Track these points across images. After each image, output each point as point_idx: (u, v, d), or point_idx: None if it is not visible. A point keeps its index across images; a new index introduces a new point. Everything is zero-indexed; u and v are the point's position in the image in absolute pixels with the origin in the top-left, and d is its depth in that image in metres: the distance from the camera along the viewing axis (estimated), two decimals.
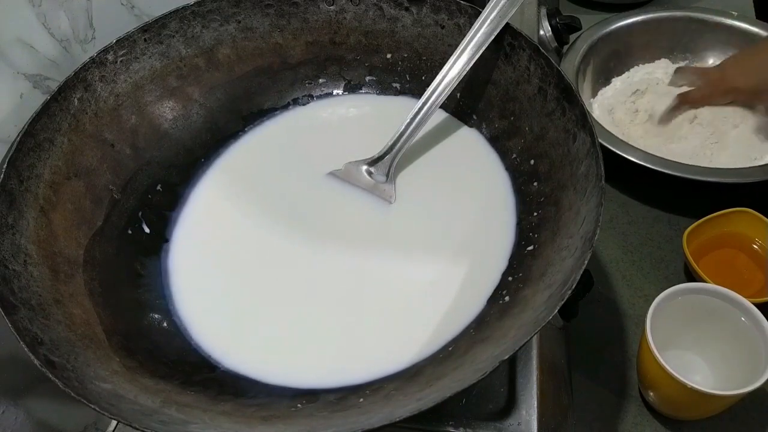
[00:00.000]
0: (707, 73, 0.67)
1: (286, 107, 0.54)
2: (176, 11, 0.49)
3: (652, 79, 0.72)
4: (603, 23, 0.74)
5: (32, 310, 0.35)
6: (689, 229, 0.56)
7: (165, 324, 0.42)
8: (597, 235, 0.34)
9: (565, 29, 0.71)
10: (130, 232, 0.45)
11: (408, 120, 0.47)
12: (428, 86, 0.46)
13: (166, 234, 0.47)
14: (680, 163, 0.59)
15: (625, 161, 0.60)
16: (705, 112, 0.66)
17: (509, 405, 0.42)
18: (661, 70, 0.73)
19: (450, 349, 0.38)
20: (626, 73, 0.74)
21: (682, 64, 0.74)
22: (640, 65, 0.74)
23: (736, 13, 0.72)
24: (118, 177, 0.46)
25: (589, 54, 0.72)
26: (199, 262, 0.45)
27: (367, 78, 0.54)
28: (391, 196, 0.47)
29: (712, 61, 0.72)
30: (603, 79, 0.74)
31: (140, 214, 0.46)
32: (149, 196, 0.47)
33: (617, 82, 0.73)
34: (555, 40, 0.71)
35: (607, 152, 0.60)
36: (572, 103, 0.42)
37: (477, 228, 0.45)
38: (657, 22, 0.74)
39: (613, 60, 0.74)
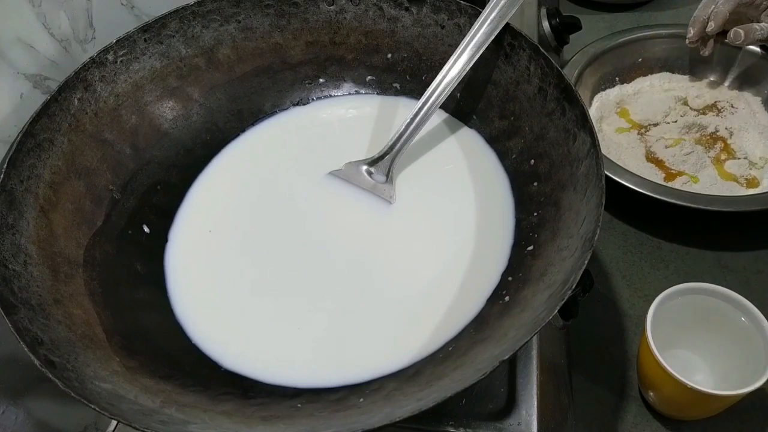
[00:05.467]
0: None
1: (286, 107, 0.54)
2: (176, 11, 0.49)
3: (644, 87, 0.72)
4: (604, 39, 0.73)
5: (32, 310, 0.35)
6: None
7: (165, 324, 0.42)
8: (597, 235, 0.34)
9: (565, 29, 0.71)
10: (130, 232, 0.45)
11: (408, 120, 0.47)
12: (428, 86, 0.46)
13: (166, 234, 0.47)
14: (672, 188, 0.59)
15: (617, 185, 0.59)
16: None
17: (509, 405, 0.42)
18: (657, 81, 0.73)
19: (450, 349, 0.38)
20: (620, 85, 0.73)
21: (682, 76, 0.73)
22: (638, 78, 0.73)
23: None
24: (118, 177, 0.46)
25: (587, 68, 0.71)
26: (199, 262, 0.45)
27: (368, 78, 0.54)
28: (390, 196, 0.47)
29: (713, 78, 0.71)
30: (600, 91, 0.73)
31: (140, 214, 0.46)
32: (149, 196, 0.47)
33: (601, 98, 0.72)
34: (555, 40, 0.71)
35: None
36: (572, 103, 0.42)
37: (477, 228, 0.45)
38: (658, 38, 0.73)
39: (611, 75, 0.73)
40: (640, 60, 0.73)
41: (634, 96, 0.72)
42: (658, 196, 0.57)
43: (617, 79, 0.73)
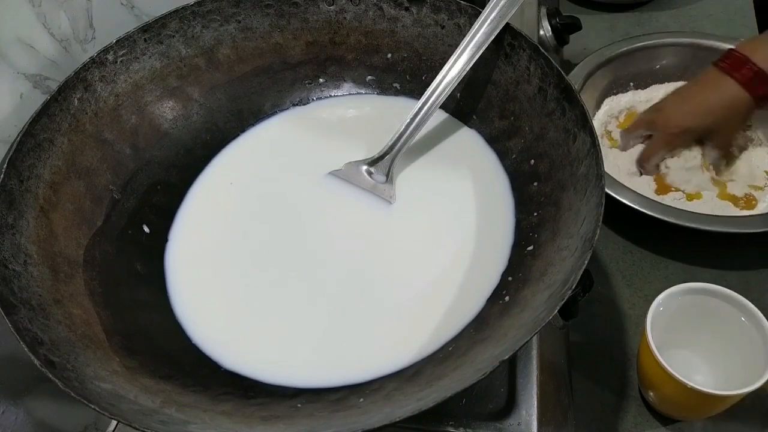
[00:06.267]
0: (651, 122, 0.62)
1: (286, 107, 0.54)
2: (176, 11, 0.49)
3: (658, 95, 0.70)
4: (608, 48, 0.71)
5: (32, 310, 0.35)
6: None
7: (165, 324, 0.42)
8: (597, 235, 0.34)
9: (565, 29, 0.71)
10: (130, 232, 0.45)
11: (408, 120, 0.47)
12: (428, 86, 0.46)
13: (166, 234, 0.47)
14: (672, 207, 0.58)
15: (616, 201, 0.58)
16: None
17: (509, 405, 0.42)
18: (661, 92, 0.71)
19: (450, 349, 0.38)
20: (633, 91, 0.71)
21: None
22: (654, 86, 0.71)
23: (742, 39, 0.70)
24: (118, 177, 0.46)
25: (600, 70, 0.70)
26: (199, 262, 0.45)
27: (368, 78, 0.54)
28: (390, 196, 0.47)
29: None
30: (612, 94, 0.72)
31: (140, 214, 0.46)
32: (149, 196, 0.47)
33: (611, 102, 0.71)
34: (555, 40, 0.71)
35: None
36: (572, 103, 0.42)
37: (477, 228, 0.45)
38: (662, 48, 0.71)
39: (625, 79, 0.71)
40: (657, 67, 0.71)
41: (646, 104, 0.69)
42: (644, 210, 0.57)
43: (632, 84, 0.71)
